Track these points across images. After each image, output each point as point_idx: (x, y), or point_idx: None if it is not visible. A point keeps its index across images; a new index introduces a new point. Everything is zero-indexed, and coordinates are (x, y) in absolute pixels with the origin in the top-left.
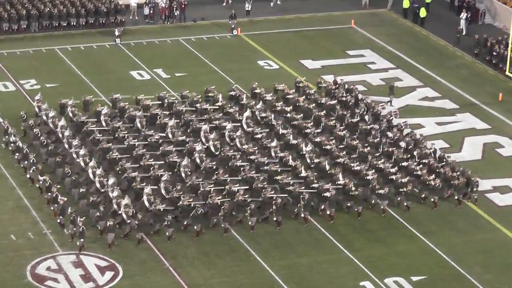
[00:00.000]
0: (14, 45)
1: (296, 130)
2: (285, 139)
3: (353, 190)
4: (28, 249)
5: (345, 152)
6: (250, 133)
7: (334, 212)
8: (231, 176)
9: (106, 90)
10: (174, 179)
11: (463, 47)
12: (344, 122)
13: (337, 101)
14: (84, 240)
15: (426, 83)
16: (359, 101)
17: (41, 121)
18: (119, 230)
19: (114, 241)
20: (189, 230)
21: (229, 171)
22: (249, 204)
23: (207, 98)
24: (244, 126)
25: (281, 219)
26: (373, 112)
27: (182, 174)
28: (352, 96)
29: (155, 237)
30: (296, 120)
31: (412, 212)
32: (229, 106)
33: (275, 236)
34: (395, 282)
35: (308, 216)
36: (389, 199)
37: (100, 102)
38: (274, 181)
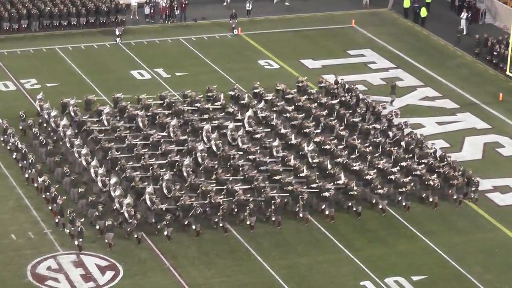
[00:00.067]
0: (15, 44)
1: (296, 130)
2: (286, 139)
3: (355, 190)
4: (28, 248)
5: (346, 152)
6: (251, 133)
7: (334, 212)
8: (232, 175)
9: (106, 89)
10: (175, 179)
11: (464, 47)
12: (344, 122)
13: (338, 100)
14: (83, 240)
15: (426, 82)
16: (359, 101)
17: (42, 120)
18: (119, 230)
19: (113, 241)
20: (189, 230)
21: (230, 170)
22: (248, 203)
23: (208, 98)
24: (246, 125)
25: (281, 219)
26: (373, 112)
27: (184, 174)
28: (353, 95)
29: (155, 237)
30: (296, 119)
31: (413, 212)
32: (230, 105)
33: (275, 236)
34: (396, 282)
35: (308, 215)
36: (388, 199)
37: (100, 101)
38: (275, 181)
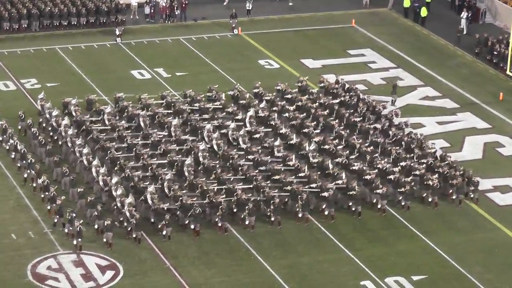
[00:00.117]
0: (15, 44)
1: (295, 130)
2: (286, 139)
3: (356, 189)
4: (28, 248)
5: (347, 152)
6: (251, 132)
7: (333, 212)
8: (232, 175)
9: (106, 89)
10: (175, 178)
11: (464, 47)
12: (343, 121)
13: (339, 100)
14: (82, 240)
15: (426, 82)
16: (359, 100)
17: (43, 120)
18: (119, 229)
19: (112, 240)
20: (189, 229)
21: (231, 170)
22: (248, 203)
23: (208, 97)
24: (247, 125)
25: (282, 219)
26: (373, 111)
27: (186, 173)
28: (353, 95)
29: (155, 236)
30: (295, 119)
31: (413, 212)
32: (231, 105)
33: (275, 236)
34: (396, 282)
35: (308, 215)
36: (388, 199)
37: (101, 101)
38: (275, 180)
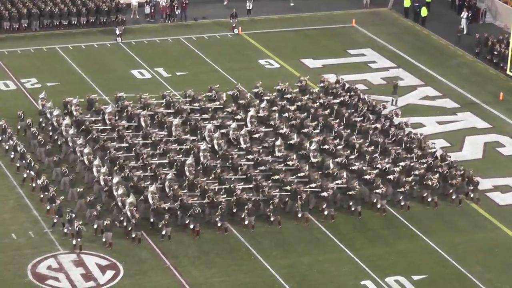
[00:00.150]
0: (15, 43)
1: (295, 130)
2: (287, 139)
3: (356, 189)
4: (29, 248)
5: (348, 152)
6: (252, 132)
7: (333, 212)
8: (232, 175)
9: (107, 89)
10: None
11: (464, 46)
12: (343, 121)
13: (339, 100)
14: (82, 239)
15: (427, 82)
16: (360, 100)
17: (43, 119)
18: (118, 229)
19: (112, 240)
20: (189, 229)
21: (230, 170)
22: (247, 203)
23: (209, 97)
24: (249, 125)
25: (282, 219)
26: (373, 111)
27: (187, 173)
28: (353, 95)
29: (156, 236)
30: (295, 119)
31: (413, 211)
32: (232, 105)
33: (275, 235)
34: (396, 281)
35: (308, 215)
36: (387, 199)
37: (102, 101)
38: (275, 180)
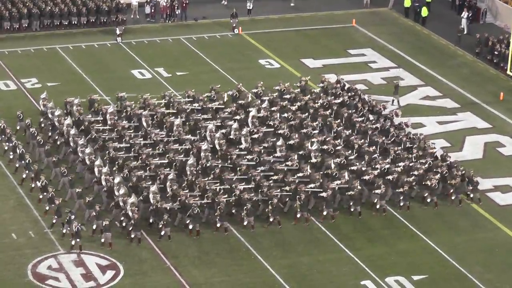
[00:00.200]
0: (15, 43)
1: (294, 130)
2: (288, 138)
3: (356, 189)
4: (29, 248)
5: (348, 152)
6: (252, 132)
7: (332, 212)
8: (231, 175)
9: (107, 89)
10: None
11: (464, 46)
12: (343, 121)
13: (339, 100)
14: (81, 240)
15: (427, 82)
16: (360, 100)
17: (43, 119)
18: (119, 229)
19: (111, 240)
20: (187, 230)
21: (229, 170)
22: (246, 203)
23: (209, 97)
24: (250, 124)
25: (282, 218)
26: (374, 111)
27: (188, 173)
28: (352, 95)
29: (156, 236)
30: (295, 119)
31: (413, 211)
32: (232, 105)
33: (275, 235)
34: (396, 281)
35: (306, 215)
36: (386, 199)
37: (103, 101)
38: (276, 180)
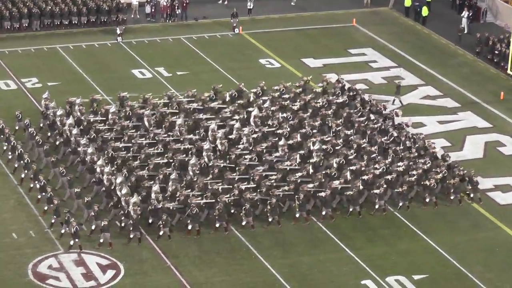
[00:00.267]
0: (16, 43)
1: (296, 129)
2: (289, 138)
3: (354, 189)
4: (29, 247)
5: (347, 152)
6: (257, 132)
7: (331, 212)
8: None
9: (107, 88)
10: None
11: (465, 46)
12: (343, 121)
13: (339, 100)
14: (80, 240)
15: (427, 81)
16: (360, 100)
17: (43, 119)
18: (116, 228)
19: (111, 240)
20: (186, 229)
21: (229, 169)
22: (245, 203)
23: (210, 97)
24: (252, 124)
25: (280, 218)
26: (374, 111)
27: (190, 173)
28: (353, 94)
29: (156, 236)
30: (296, 119)
31: (413, 211)
32: (233, 105)
33: (276, 235)
34: (397, 281)
35: (305, 215)
36: (385, 199)
37: (105, 101)
38: (276, 180)
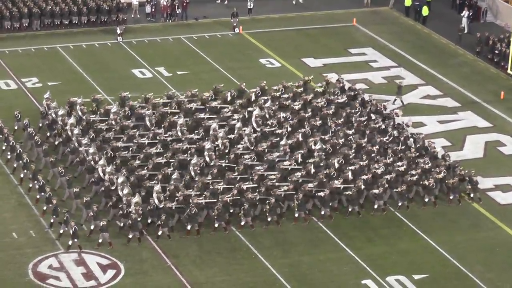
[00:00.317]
0: (16, 43)
1: (297, 129)
2: (289, 138)
3: (353, 189)
4: (29, 247)
5: (347, 151)
6: (258, 131)
7: (329, 212)
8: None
9: (108, 88)
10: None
11: (465, 45)
12: (343, 121)
13: (339, 99)
14: (78, 240)
15: (427, 81)
16: (360, 100)
17: (44, 120)
18: (115, 228)
19: (110, 240)
20: (185, 230)
21: (228, 169)
22: (244, 203)
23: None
24: (254, 124)
25: (280, 218)
26: (374, 111)
27: (192, 173)
28: (352, 94)
29: (155, 235)
30: (297, 118)
31: (414, 211)
32: (233, 104)
33: (276, 235)
34: (397, 281)
35: (305, 214)
36: (385, 199)
37: (106, 101)
38: (276, 180)
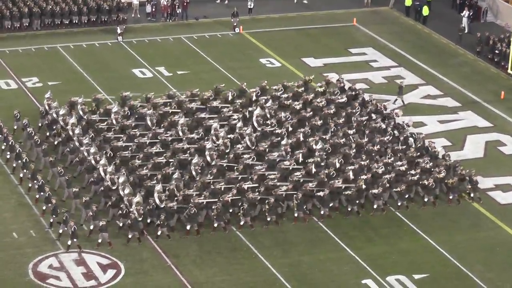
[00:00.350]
0: (16, 43)
1: (297, 129)
2: (290, 138)
3: (352, 189)
4: (30, 247)
5: (348, 151)
6: (259, 131)
7: (328, 211)
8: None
9: (108, 88)
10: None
11: (465, 45)
12: (343, 121)
13: (339, 99)
14: (78, 240)
15: (428, 81)
16: (360, 100)
17: (41, 119)
18: (114, 228)
19: (109, 239)
20: (192, 229)
21: (227, 169)
22: (243, 203)
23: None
24: (255, 124)
25: (280, 218)
26: (374, 111)
27: (193, 173)
28: (353, 94)
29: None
30: (297, 118)
31: (414, 210)
32: (233, 104)
33: (276, 234)
34: (397, 280)
35: (304, 214)
36: (384, 199)
37: (107, 100)
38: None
